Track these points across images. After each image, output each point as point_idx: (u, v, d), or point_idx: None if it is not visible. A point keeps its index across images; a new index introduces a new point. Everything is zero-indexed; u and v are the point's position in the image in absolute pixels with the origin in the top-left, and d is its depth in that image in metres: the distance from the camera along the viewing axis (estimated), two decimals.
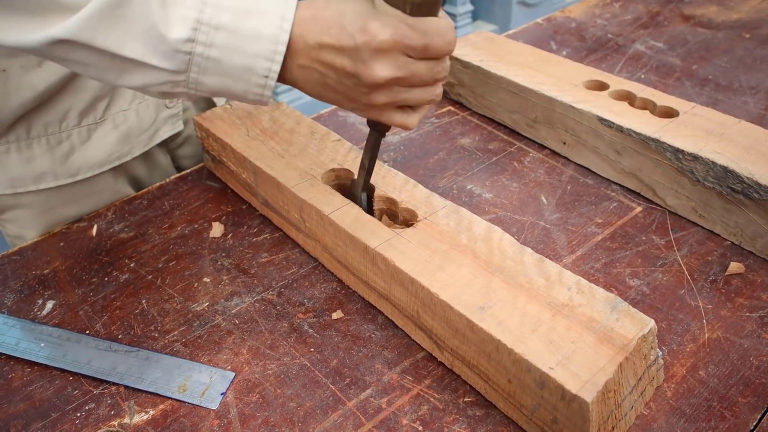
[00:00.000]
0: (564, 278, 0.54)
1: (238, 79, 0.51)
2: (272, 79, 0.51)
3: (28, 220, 0.79)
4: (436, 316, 0.54)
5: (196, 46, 0.49)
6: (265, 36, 0.49)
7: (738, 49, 1.04)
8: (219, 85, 0.51)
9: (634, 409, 0.51)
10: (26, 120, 0.73)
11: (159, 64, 0.50)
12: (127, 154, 0.81)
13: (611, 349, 0.47)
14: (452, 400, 0.53)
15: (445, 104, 0.95)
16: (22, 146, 0.74)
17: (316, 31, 0.49)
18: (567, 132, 0.79)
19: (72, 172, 0.77)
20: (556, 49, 1.07)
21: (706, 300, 0.61)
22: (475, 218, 0.61)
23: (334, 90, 0.51)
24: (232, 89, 0.52)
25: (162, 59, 0.49)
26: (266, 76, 0.51)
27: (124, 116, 0.79)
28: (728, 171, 0.64)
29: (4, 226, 0.81)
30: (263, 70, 0.50)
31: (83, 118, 0.76)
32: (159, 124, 0.83)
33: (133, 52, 0.49)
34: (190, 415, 0.53)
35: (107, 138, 0.78)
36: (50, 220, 0.79)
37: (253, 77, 0.51)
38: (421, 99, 0.51)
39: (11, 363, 0.59)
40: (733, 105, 0.89)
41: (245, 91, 0.52)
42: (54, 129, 0.74)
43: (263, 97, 0.52)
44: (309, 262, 0.68)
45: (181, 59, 0.49)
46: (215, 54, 0.49)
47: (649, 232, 0.69)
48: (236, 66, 0.50)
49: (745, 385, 0.53)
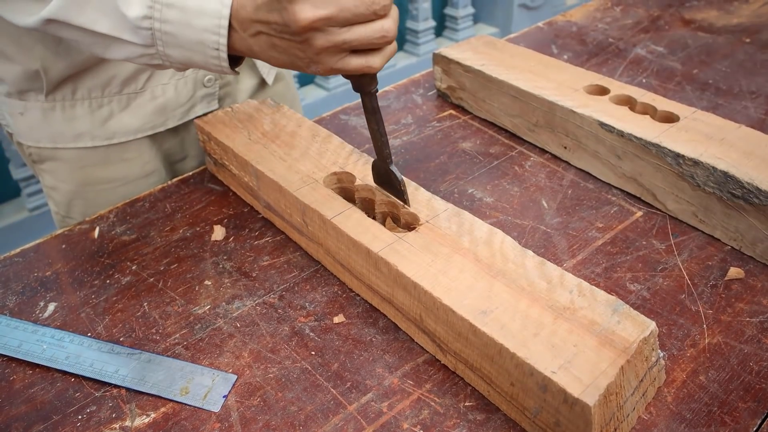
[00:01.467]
0: (565, 281, 0.54)
1: (195, 51, 0.56)
2: (223, 51, 0.55)
3: (64, 173, 0.85)
4: (439, 320, 0.54)
5: (154, 23, 0.55)
6: (207, 11, 0.53)
7: (738, 53, 1.04)
8: (183, 57, 0.57)
9: (636, 410, 0.51)
10: (73, 82, 0.78)
11: (129, 38, 0.56)
12: (161, 125, 0.85)
13: (613, 352, 0.48)
14: (453, 404, 0.54)
15: (446, 108, 0.95)
16: (66, 106, 0.80)
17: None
18: (568, 136, 0.79)
19: (108, 135, 0.83)
20: (557, 53, 1.08)
21: (706, 305, 0.61)
22: (476, 221, 0.61)
23: (283, 49, 0.53)
24: (194, 60, 0.57)
25: (130, 34, 0.56)
26: (217, 49, 0.55)
27: (162, 89, 0.83)
28: (729, 176, 0.65)
29: (42, 176, 0.88)
30: (213, 43, 0.55)
31: (125, 87, 0.81)
32: (195, 101, 0.87)
33: (104, 28, 0.56)
34: (191, 419, 0.53)
35: (145, 108, 0.83)
36: (83, 178, 0.85)
37: (206, 50, 0.55)
38: (366, 37, 0.50)
39: (13, 365, 0.59)
40: (734, 110, 0.89)
41: (205, 62, 0.57)
42: (97, 93, 0.80)
43: (223, 68, 0.57)
44: (310, 265, 0.68)
45: (144, 34, 0.55)
46: (169, 29, 0.55)
47: (650, 237, 0.69)
48: (189, 40, 0.55)
49: (745, 390, 0.53)
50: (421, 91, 1.00)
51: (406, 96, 0.99)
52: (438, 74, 0.95)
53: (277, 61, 0.55)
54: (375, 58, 0.52)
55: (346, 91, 2.64)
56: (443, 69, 0.94)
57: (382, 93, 0.99)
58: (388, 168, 0.62)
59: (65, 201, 0.87)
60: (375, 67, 0.52)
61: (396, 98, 0.98)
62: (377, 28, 0.50)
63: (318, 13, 0.48)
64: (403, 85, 1.02)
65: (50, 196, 0.89)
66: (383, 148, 0.61)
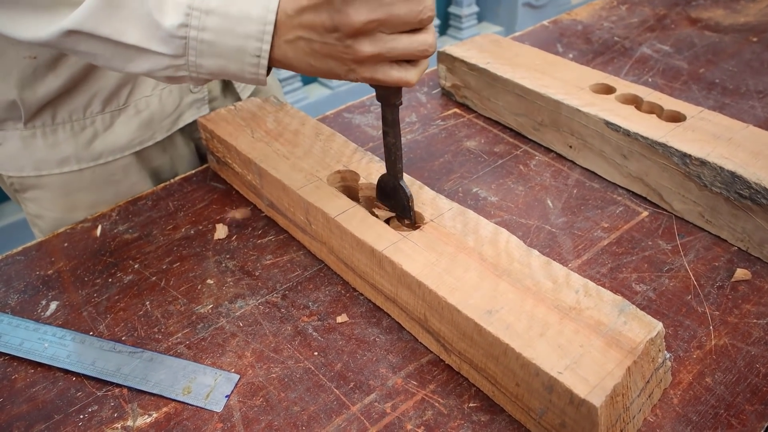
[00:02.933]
0: (571, 281, 0.53)
1: (233, 59, 0.53)
2: (264, 58, 0.53)
3: (49, 200, 0.82)
4: (444, 320, 0.54)
5: (190, 31, 0.52)
6: (252, 17, 0.51)
7: (745, 52, 1.03)
8: (216, 66, 0.54)
9: (642, 411, 0.51)
10: (52, 106, 0.76)
11: (158, 49, 0.53)
12: (149, 139, 0.83)
13: (619, 352, 0.47)
14: (457, 405, 0.53)
15: (451, 107, 0.94)
16: (47, 131, 0.77)
17: (293, 0, 0.51)
18: (573, 135, 0.79)
19: (94, 156, 0.80)
20: (562, 52, 1.07)
21: (712, 306, 0.60)
22: (481, 220, 0.60)
23: (323, 54, 0.52)
24: (228, 70, 0.54)
25: (160, 44, 0.52)
26: (258, 56, 0.53)
27: (146, 102, 0.81)
28: (736, 176, 0.64)
29: (26, 204, 0.84)
30: (254, 50, 0.53)
31: (107, 105, 0.78)
32: (183, 109, 0.85)
33: (133, 39, 0.52)
34: (193, 418, 0.53)
35: (130, 123, 0.80)
36: (69, 204, 0.82)
37: (246, 57, 0.53)
38: (410, 47, 0.50)
39: (15, 364, 0.59)
40: (741, 109, 0.88)
41: (241, 70, 0.54)
42: (78, 115, 0.77)
43: (259, 76, 0.55)
44: (313, 264, 0.68)
45: (177, 44, 0.52)
46: (208, 37, 0.52)
47: (656, 237, 0.68)
48: (229, 47, 0.53)
49: (752, 392, 0.53)
50: (426, 90, 0.99)
51: (410, 94, 0.98)
52: (442, 72, 0.95)
53: (312, 69, 0.54)
54: (412, 72, 0.52)
55: (349, 89, 2.64)
56: (448, 67, 0.93)
57: None
58: (398, 183, 0.61)
59: (51, 229, 0.83)
60: (411, 81, 0.52)
61: None
62: (421, 40, 0.50)
63: (371, 16, 0.48)
64: None
65: (35, 224, 0.86)
66: (396, 162, 0.60)
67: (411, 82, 0.52)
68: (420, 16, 0.49)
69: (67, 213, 0.82)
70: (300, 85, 2.54)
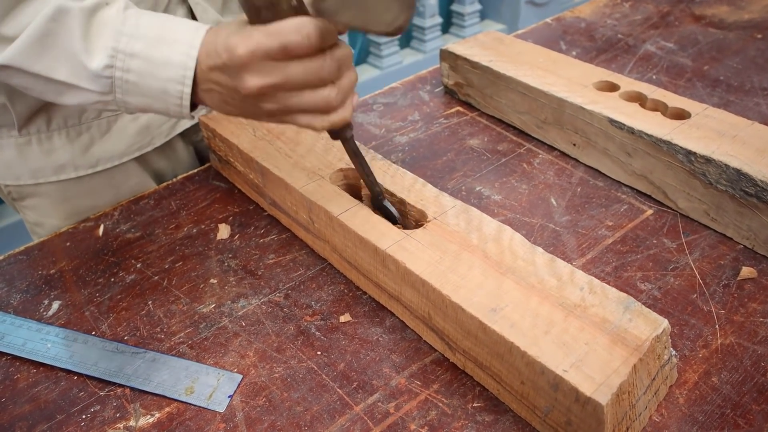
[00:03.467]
0: (576, 278, 0.53)
1: (157, 99, 0.56)
2: (186, 100, 0.55)
3: (47, 208, 0.81)
4: (448, 318, 0.54)
5: (116, 71, 0.54)
6: (173, 63, 0.54)
7: (750, 49, 1.03)
8: (142, 104, 0.57)
9: (648, 409, 0.50)
10: (46, 112, 0.75)
11: (87, 86, 0.55)
12: (147, 145, 0.82)
13: (625, 350, 0.47)
14: (461, 405, 0.53)
15: (454, 105, 0.94)
16: (42, 138, 0.76)
17: (205, 56, 0.53)
18: (577, 133, 0.78)
19: (92, 163, 0.79)
20: (565, 50, 1.06)
21: (718, 305, 0.60)
22: (485, 217, 0.60)
23: (234, 105, 0.55)
24: (154, 107, 0.57)
25: (88, 82, 0.55)
26: (180, 98, 0.55)
27: None
28: (741, 174, 0.64)
29: (24, 212, 0.84)
30: (176, 92, 0.55)
31: (103, 111, 0.77)
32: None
33: (62, 76, 0.55)
34: (195, 419, 0.53)
35: (127, 130, 0.80)
36: (69, 210, 0.81)
37: (168, 98, 0.55)
38: (310, 103, 0.52)
39: (17, 363, 0.59)
40: (745, 106, 0.88)
41: (166, 109, 0.56)
42: (74, 121, 0.76)
43: (183, 114, 0.57)
44: (316, 264, 0.67)
45: (104, 83, 0.55)
46: (132, 78, 0.55)
47: (661, 236, 0.68)
48: (152, 89, 0.55)
49: (758, 392, 0.52)
50: (428, 88, 0.99)
51: (413, 93, 0.98)
52: (445, 71, 0.94)
53: (230, 113, 0.57)
54: (318, 119, 0.53)
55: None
56: (450, 65, 0.93)
57: (388, 90, 0.99)
58: (382, 204, 0.62)
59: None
60: (317, 128, 0.54)
61: (403, 95, 0.97)
62: (320, 97, 0.51)
63: (264, 81, 0.50)
64: (410, 81, 1.01)
65: (34, 232, 0.85)
66: (373, 186, 0.62)
67: (317, 129, 0.54)
68: (320, 74, 0.50)
69: (67, 219, 0.81)
70: None
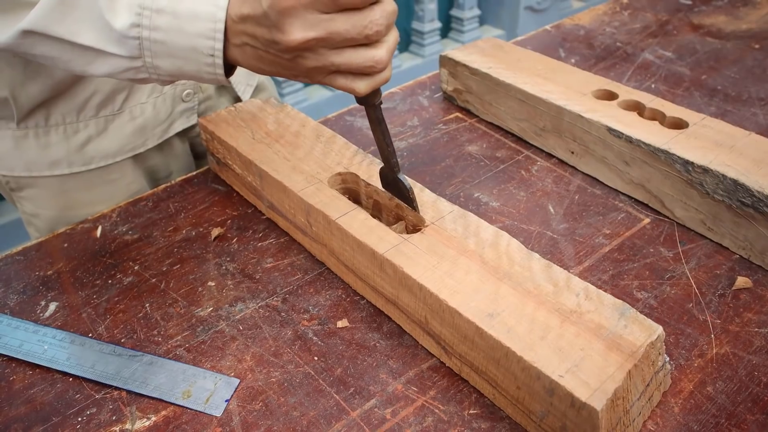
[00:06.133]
0: (572, 284, 0.53)
1: (188, 59, 0.52)
2: (219, 58, 0.52)
3: (44, 199, 0.81)
4: (445, 323, 0.54)
5: (143, 31, 0.51)
6: (200, 15, 0.50)
7: (747, 59, 1.03)
8: (173, 67, 0.53)
9: (642, 415, 0.51)
10: (45, 107, 0.75)
11: (114, 50, 0.52)
12: (141, 146, 0.83)
13: (620, 356, 0.47)
14: (457, 412, 0.53)
15: (453, 111, 0.94)
16: (39, 133, 0.76)
17: (237, 4, 0.50)
18: (575, 141, 0.79)
19: (86, 160, 0.79)
20: (564, 57, 1.07)
21: (714, 314, 0.60)
22: (482, 223, 0.60)
23: (270, 62, 0.51)
24: (185, 70, 0.53)
25: (115, 46, 0.52)
26: (212, 55, 0.51)
27: (141, 109, 0.80)
28: (738, 184, 0.64)
29: (21, 203, 0.84)
30: (207, 49, 0.51)
31: (101, 109, 0.77)
32: (174, 117, 0.84)
33: (88, 40, 0.51)
34: (192, 422, 0.53)
35: (123, 129, 0.80)
36: (65, 202, 0.81)
37: (200, 57, 0.52)
38: (354, 63, 0.48)
39: (13, 365, 0.59)
40: (743, 116, 0.88)
41: (198, 71, 0.53)
42: (72, 119, 0.76)
43: (217, 76, 0.53)
44: (314, 268, 0.68)
45: (132, 45, 0.51)
46: (160, 36, 0.51)
47: (657, 244, 0.68)
48: (181, 47, 0.51)
49: (753, 402, 0.53)
50: (427, 93, 0.99)
51: (412, 98, 0.98)
52: (444, 77, 0.95)
53: (263, 71, 0.53)
54: (361, 82, 0.50)
55: None
56: (450, 71, 0.93)
57: (387, 95, 0.99)
58: (396, 177, 0.61)
59: (48, 227, 0.84)
60: (359, 91, 0.50)
61: (402, 100, 0.97)
62: (368, 57, 0.48)
63: (308, 35, 0.47)
64: (409, 87, 1.01)
65: (31, 224, 0.86)
66: (390, 157, 0.60)
67: (359, 93, 0.51)
68: (365, 31, 0.47)
69: (64, 211, 0.82)
70: (301, 87, 2.53)
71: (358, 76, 0.50)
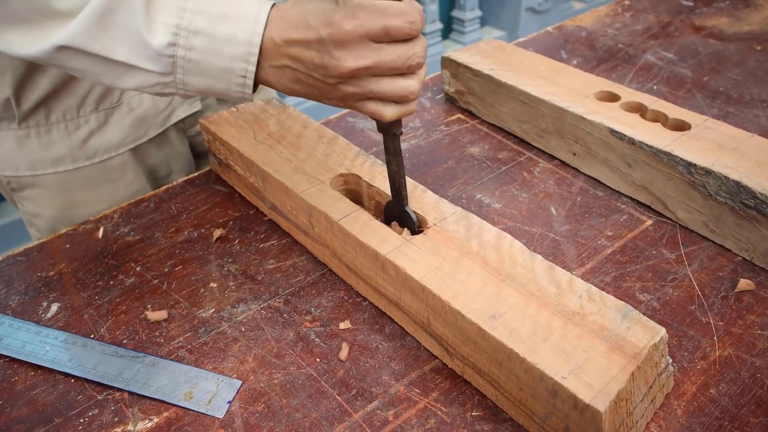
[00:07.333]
0: (575, 286, 0.53)
1: (219, 79, 0.54)
2: (250, 79, 0.54)
3: (46, 199, 0.82)
4: (447, 324, 0.54)
5: (178, 50, 0.52)
6: (239, 40, 0.52)
7: (749, 61, 1.03)
8: (203, 84, 0.55)
9: (645, 417, 0.51)
10: (45, 106, 0.76)
11: (147, 66, 0.53)
12: (143, 136, 0.83)
13: (623, 358, 0.47)
14: (460, 414, 0.53)
15: (455, 112, 0.94)
16: (41, 131, 0.77)
17: (283, 29, 0.51)
18: (577, 143, 0.79)
19: (89, 154, 0.80)
20: (566, 58, 1.07)
21: (717, 316, 0.60)
22: (484, 224, 0.60)
23: (306, 84, 0.53)
24: (215, 88, 0.55)
25: (149, 62, 0.53)
26: (244, 76, 0.53)
27: (139, 99, 0.81)
28: (741, 186, 0.64)
29: (22, 203, 0.84)
30: (240, 71, 0.53)
31: (101, 103, 0.78)
32: (175, 105, 0.85)
33: (122, 56, 0.53)
34: (194, 424, 0.53)
35: (124, 121, 0.81)
36: (66, 201, 0.82)
37: (232, 77, 0.53)
38: (391, 92, 0.51)
39: (15, 366, 0.58)
40: (745, 118, 0.88)
41: (227, 89, 0.55)
42: (72, 114, 0.77)
43: (245, 95, 0.55)
44: (316, 269, 0.67)
45: (165, 62, 0.53)
46: (195, 56, 0.53)
47: (660, 246, 0.68)
48: (215, 67, 0.53)
49: (756, 404, 0.52)
50: (429, 95, 0.99)
51: None
52: (446, 78, 0.95)
53: (294, 93, 0.55)
54: (389, 109, 0.52)
55: None
56: (452, 73, 0.93)
57: None
58: (404, 210, 0.61)
59: (49, 227, 0.84)
60: (386, 117, 0.53)
61: None
62: (404, 86, 0.51)
63: (359, 63, 0.49)
64: None
65: (32, 224, 0.86)
66: (401, 189, 0.60)
67: (385, 119, 0.53)
68: (408, 62, 0.50)
69: (65, 211, 0.82)
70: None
71: (388, 103, 0.52)
